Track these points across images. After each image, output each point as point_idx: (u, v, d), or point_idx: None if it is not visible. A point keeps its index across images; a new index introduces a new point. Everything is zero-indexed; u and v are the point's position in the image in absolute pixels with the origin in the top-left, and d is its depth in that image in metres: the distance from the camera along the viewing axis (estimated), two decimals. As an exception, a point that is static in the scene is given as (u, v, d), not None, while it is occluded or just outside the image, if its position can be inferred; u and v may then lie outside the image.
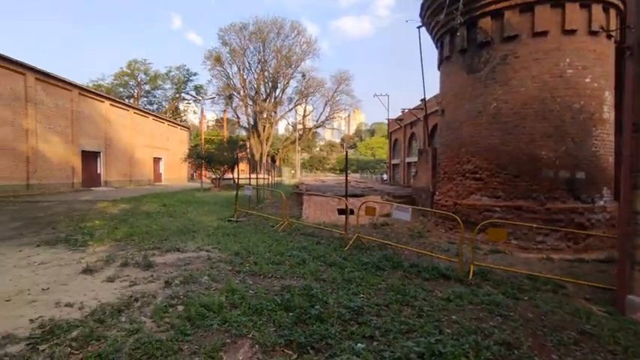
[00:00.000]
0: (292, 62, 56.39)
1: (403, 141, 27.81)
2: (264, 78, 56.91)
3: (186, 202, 17.12)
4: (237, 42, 55.06)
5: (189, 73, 53.77)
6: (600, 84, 8.95)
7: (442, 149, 11.07)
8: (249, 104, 57.38)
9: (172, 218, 12.03)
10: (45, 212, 13.00)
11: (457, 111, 10.26)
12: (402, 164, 28.51)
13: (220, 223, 10.86)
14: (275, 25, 54.17)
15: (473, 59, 9.79)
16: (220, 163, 25.35)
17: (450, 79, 10.56)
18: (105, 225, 10.37)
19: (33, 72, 21.07)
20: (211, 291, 4.82)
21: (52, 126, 22.63)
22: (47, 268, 5.85)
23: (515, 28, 8.98)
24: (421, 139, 23.63)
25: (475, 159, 9.75)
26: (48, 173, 22.28)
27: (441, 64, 11.36)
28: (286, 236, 9.10)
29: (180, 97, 55.17)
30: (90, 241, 8.05)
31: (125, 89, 52.50)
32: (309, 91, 59.10)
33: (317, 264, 6.42)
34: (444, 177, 10.96)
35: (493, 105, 9.35)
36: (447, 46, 10.55)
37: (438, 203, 11.12)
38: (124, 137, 30.79)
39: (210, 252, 7.14)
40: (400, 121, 27.93)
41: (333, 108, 61.10)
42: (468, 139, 9.90)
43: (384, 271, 6.33)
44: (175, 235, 8.79)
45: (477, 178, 9.70)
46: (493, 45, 9.36)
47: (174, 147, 40.93)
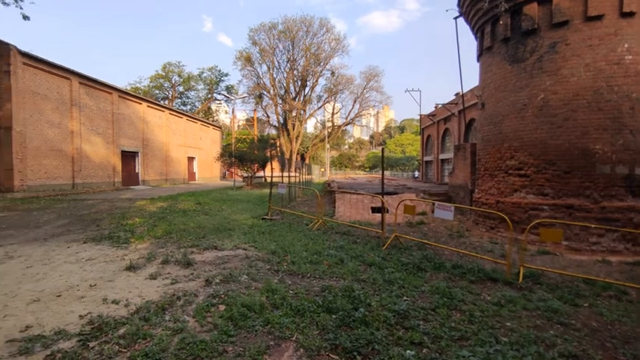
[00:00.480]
0: (321, 60, 56.37)
1: (436, 137, 26.99)
2: (294, 76, 57.19)
3: (220, 201, 17.42)
4: (267, 41, 55.71)
5: (220, 73, 55.01)
6: (664, 70, 8.15)
7: (482, 145, 10.54)
8: (278, 103, 57.92)
9: (208, 216, 12.23)
10: (89, 210, 13.62)
11: (499, 104, 9.72)
12: (434, 161, 27.68)
13: (255, 222, 10.90)
14: (304, 23, 54.32)
15: (517, 48, 9.22)
16: (252, 162, 25.67)
17: (492, 70, 10.02)
18: (145, 222, 10.68)
19: (77, 77, 22.20)
20: (251, 290, 4.76)
21: (94, 127, 23.77)
22: (93, 265, 6.04)
23: (566, 14, 8.35)
24: (456, 135, 22.82)
25: (519, 154, 9.19)
26: (91, 173, 23.45)
27: (480, 56, 10.81)
28: (321, 235, 8.97)
29: (212, 97, 56.53)
30: (131, 238, 8.29)
31: (160, 91, 54.44)
32: (338, 88, 58.88)
33: (356, 264, 6.25)
34: (484, 174, 10.44)
35: (540, 96, 8.76)
36: (488, 35, 10.00)
37: (478, 201, 10.61)
38: (160, 137, 31.89)
39: (247, 250, 7.14)
40: (433, 116, 27.12)
41: (363, 105, 60.56)
42: (512, 133, 9.35)
43: (426, 272, 6.06)
44: (212, 233, 8.89)
45: (522, 175, 9.15)
46: (540, 32, 8.76)
47: (207, 146, 42.01)
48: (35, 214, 12.25)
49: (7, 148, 17.82)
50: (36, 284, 5.01)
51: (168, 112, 33.76)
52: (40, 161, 19.65)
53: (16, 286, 4.91)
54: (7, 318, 3.88)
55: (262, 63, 57.39)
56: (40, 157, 19.65)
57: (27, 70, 18.90)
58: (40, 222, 10.63)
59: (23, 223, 10.45)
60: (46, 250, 7.06)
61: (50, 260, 6.32)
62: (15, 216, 11.71)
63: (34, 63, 19.31)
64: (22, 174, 18.37)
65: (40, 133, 19.66)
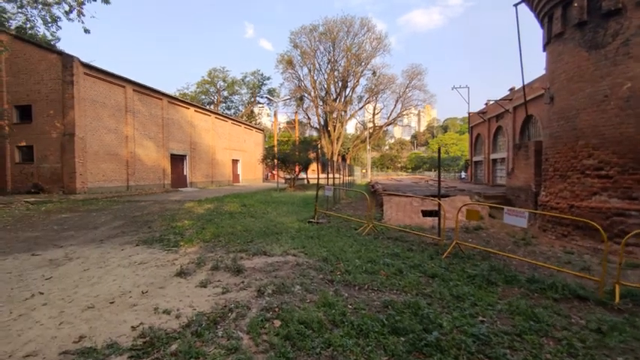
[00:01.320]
0: (362, 60, 55.61)
1: (487, 136, 25.34)
2: (334, 78, 56.92)
3: (265, 203, 17.41)
4: (308, 44, 55.95)
5: (262, 77, 56.10)
6: None
7: (551, 142, 9.47)
8: (319, 105, 57.92)
9: (254, 219, 12.14)
10: (142, 212, 14.09)
11: (573, 97, 8.65)
12: (485, 161, 26.00)
13: (301, 225, 10.61)
14: (344, 23, 53.91)
15: (596, 33, 8.14)
16: (294, 164, 25.64)
17: (563, 59, 8.96)
18: (193, 225, 10.76)
19: (131, 84, 23.38)
20: (306, 304, 4.38)
21: (146, 132, 24.91)
22: (146, 269, 5.99)
23: (659, -11, 7.20)
24: (511, 133, 21.20)
25: (599, 152, 8.10)
26: (144, 175, 24.58)
27: (548, 44, 9.75)
28: (372, 240, 8.46)
29: (255, 101, 57.78)
30: (181, 241, 8.28)
31: (206, 96, 56.54)
32: (380, 88, 57.76)
33: (416, 275, 5.68)
34: (553, 175, 9.36)
35: (626, 86, 7.65)
36: (559, 20, 8.96)
37: (546, 205, 9.55)
38: (206, 141, 32.90)
39: (297, 257, 6.81)
40: (484, 114, 25.51)
41: (405, 104, 58.94)
42: (589, 129, 8.26)
43: (497, 287, 5.36)
44: (260, 237, 8.69)
45: (603, 176, 8.04)
46: (625, 12, 7.65)
47: (250, 149, 42.85)
48: (94, 215, 12.85)
49: (70, 153, 19.07)
50: (91, 289, 4.98)
51: (214, 116, 34.78)
52: (99, 165, 20.86)
53: (73, 290, 4.90)
54: (62, 326, 3.79)
55: (303, 65, 57.73)
56: (99, 161, 20.85)
57: (87, 79, 20.14)
58: (98, 223, 11.07)
59: (83, 224, 10.94)
60: (102, 253, 7.18)
61: (105, 263, 6.37)
62: (76, 217, 12.34)
63: (94, 73, 20.56)
64: (83, 177, 19.58)
65: (99, 139, 20.88)
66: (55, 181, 19.35)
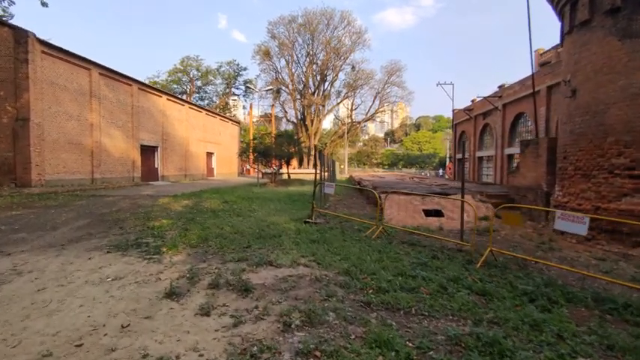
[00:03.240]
0: (341, 54, 54.66)
1: (473, 133, 25.10)
2: (313, 71, 55.67)
3: (248, 199, 16.06)
4: (286, 35, 54.32)
5: (239, 67, 53.90)
6: None
7: (572, 139, 8.82)
8: (297, 98, 56.51)
9: (241, 218, 10.86)
10: (110, 208, 12.42)
11: (601, 90, 8.00)
12: (470, 159, 25.80)
13: (298, 226, 9.45)
14: (324, 15, 52.70)
15: (631, 20, 7.49)
16: (276, 158, 24.30)
17: (589, 49, 8.29)
18: (173, 225, 9.35)
19: (97, 67, 21.13)
20: (352, 340, 3.28)
21: (114, 120, 22.72)
22: (123, 287, 4.65)
23: None
24: (499, 131, 20.92)
25: (631, 150, 7.49)
26: (111, 167, 22.42)
27: (569, 33, 9.08)
28: (387, 246, 7.45)
29: (230, 92, 55.47)
30: (163, 246, 6.93)
31: (178, 85, 53.63)
32: (358, 83, 57.08)
33: (463, 292, 4.70)
34: (574, 174, 8.73)
35: (665, 79, 7.03)
36: (586, 7, 8.27)
37: (565, 206, 8.92)
38: (180, 132, 30.83)
39: (311, 268, 5.67)
40: (470, 111, 25.22)
41: (383, 101, 58.66)
42: (621, 125, 7.64)
43: (561, 307, 4.49)
44: (257, 242, 7.46)
45: (635, 176, 7.45)
46: (667, -2, 7.01)
47: (225, 141, 40.91)
48: (52, 212, 11.07)
49: (24, 140, 16.81)
50: (48, 321, 3.64)
51: (188, 106, 32.68)
52: (59, 155, 18.64)
53: (21, 324, 3.54)
54: (1, 394, 2.49)
55: (281, 57, 56.08)
56: (59, 150, 18.63)
57: (46, 59, 17.85)
58: (57, 222, 9.40)
59: (39, 223, 9.24)
60: (63, 263, 5.73)
61: (68, 279, 4.96)
62: (30, 214, 10.53)
63: (54, 52, 18.26)
64: (39, 168, 17.36)
65: (59, 126, 18.64)
66: (6, 172, 17.01)
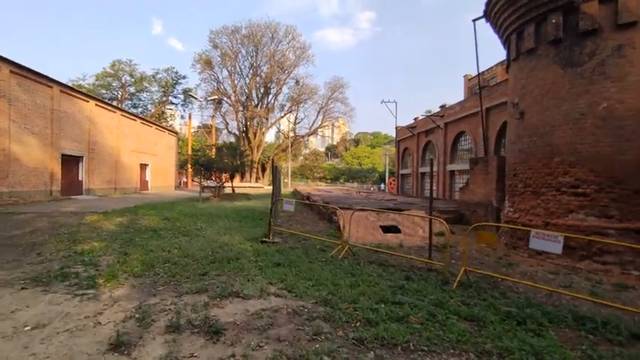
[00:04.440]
0: (285, 68, 54.73)
1: (416, 150, 26.27)
2: (257, 83, 54.92)
3: (191, 216, 14.77)
4: (229, 45, 53.12)
5: (177, 75, 51.11)
6: None
7: (521, 158, 9.35)
8: (239, 110, 55.13)
9: (188, 238, 9.78)
10: (23, 229, 10.48)
11: (547, 113, 8.59)
12: (413, 174, 26.91)
13: (256, 246, 8.69)
14: (269, 29, 52.55)
15: (572, 51, 8.17)
16: (221, 171, 23.00)
17: (536, 75, 8.91)
18: (108, 248, 8.04)
19: (7, 64, 18.29)
20: (361, 395, 2.76)
21: (28, 126, 19.77)
22: (49, 339, 3.61)
23: (634, 13, 7.42)
24: (441, 148, 22.11)
25: (576, 170, 8.06)
26: (22, 179, 19.36)
27: (516, 59, 9.72)
28: (357, 267, 7.06)
29: (167, 100, 52.23)
30: (99, 277, 5.79)
31: (108, 91, 49.18)
32: (302, 98, 57.48)
33: (453, 319, 4.43)
34: (524, 191, 9.22)
35: (603, 105, 7.72)
36: (531, 37, 8.91)
37: (516, 221, 9.36)
38: (110, 141, 27.96)
39: (284, 298, 5.03)
40: (413, 129, 26.42)
41: (327, 116, 59.66)
42: (566, 146, 8.22)
43: (547, 328, 4.42)
44: (213, 267, 6.60)
45: (579, 194, 8.00)
46: (602, 34, 7.76)
47: (161, 153, 38.11)
48: (-57, 236, 8.97)
49: None
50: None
51: (120, 114, 29.86)
52: (-46, 164, 15.56)
53: None
54: None
55: (223, 67, 54.59)
56: (-46, 159, 15.57)
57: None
58: (-49, 250, 7.56)
59: None
60: (-39, 307, 4.41)
61: (-31, 331, 3.76)
62: None
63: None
64: None
65: (-45, 129, 15.62)
66: None
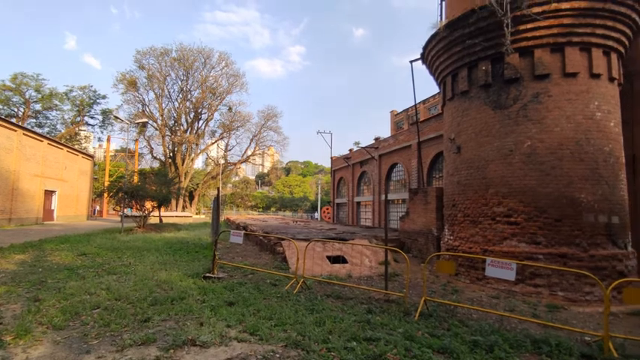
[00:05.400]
0: (218, 94, 53.63)
1: (351, 180, 27.10)
2: (186, 107, 52.71)
3: (114, 250, 13.08)
4: (157, 67, 50.61)
5: (96, 95, 46.72)
6: (619, 128, 9.08)
7: (460, 189, 10.08)
8: (167, 134, 52.07)
9: (116, 276, 8.54)
10: None
11: (482, 149, 9.46)
12: (349, 203, 27.58)
13: (199, 283, 7.86)
14: (202, 54, 51.43)
15: (500, 95, 9.23)
16: (146, 199, 21.01)
17: (470, 114, 9.84)
18: (11, 294, 6.62)
19: None
20: None
21: None
22: None
23: (547, 67, 8.70)
24: (375, 179, 23.13)
25: (508, 201, 8.90)
26: None
27: (451, 99, 10.67)
28: (314, 301, 6.71)
29: (82, 121, 47.22)
30: (5, 331, 4.63)
31: (5, 106, 42.88)
32: (234, 125, 56.44)
33: (430, 353, 4.35)
34: (463, 220, 9.88)
35: (527, 144, 8.75)
36: (465, 80, 9.91)
37: (457, 249, 9.92)
38: (6, 163, 24.13)
39: (248, 343, 4.49)
40: (348, 159, 27.35)
41: (259, 144, 59.19)
42: (498, 179, 9.07)
43: (508, 354, 4.58)
44: (156, 310, 5.74)
45: (512, 222, 8.80)
46: (523, 82, 8.93)
47: (72, 178, 33.90)
48: None
49: None
50: None
51: (22, 132, 26.06)
52: None
53: None
54: None
55: (150, 89, 51.55)
56: None
57: None
58: None
59: None
60: None
61: None
62: None
63: None
64: None
65: None
66: None
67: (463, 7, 9.89)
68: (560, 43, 8.63)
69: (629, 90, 9.97)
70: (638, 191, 9.79)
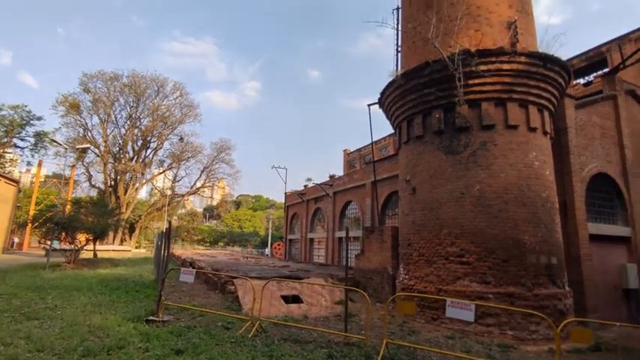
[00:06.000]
0: (170, 123, 52.05)
1: (305, 216, 26.95)
2: (134, 135, 50.29)
3: (37, 289, 11.52)
4: (105, 92, 48.35)
5: (30, 115, 42.93)
6: (553, 177, 10.05)
7: (415, 229, 10.37)
8: (109, 162, 48.86)
9: (38, 321, 7.43)
10: None
11: (435, 191, 9.93)
12: (302, 240, 27.21)
13: (142, 328, 7.05)
14: (155, 82, 50.25)
15: (452, 141, 9.89)
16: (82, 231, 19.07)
17: (424, 158, 10.38)
18: None
19: None
20: None
21: None
22: None
23: (492, 119, 9.55)
24: (330, 216, 23.22)
25: (460, 241, 9.28)
26: None
27: (406, 142, 11.23)
28: (272, 346, 6.28)
29: (9, 142, 42.82)
30: None
31: None
32: (185, 155, 54.62)
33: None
34: (418, 260, 10.09)
35: (477, 188, 9.34)
36: (419, 126, 10.55)
37: (412, 288, 10.02)
38: None
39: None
40: (302, 195, 27.33)
41: (210, 176, 57.51)
42: (451, 220, 9.49)
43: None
44: (91, 363, 4.99)
45: (464, 262, 9.14)
46: (472, 131, 9.68)
47: (-9, 205, 30.06)
48: None
49: None
50: None
51: None
52: None
53: None
54: None
55: (94, 114, 48.78)
56: None
57: None
58: None
59: None
60: None
61: None
62: None
63: None
64: None
65: None
66: None
67: (418, 59, 10.76)
68: (503, 99, 9.58)
69: (558, 143, 11.21)
70: (569, 234, 10.75)
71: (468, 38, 9.98)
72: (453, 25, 9.97)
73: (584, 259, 10.62)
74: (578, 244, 10.68)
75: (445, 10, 10.33)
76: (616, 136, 13.14)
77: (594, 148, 12.29)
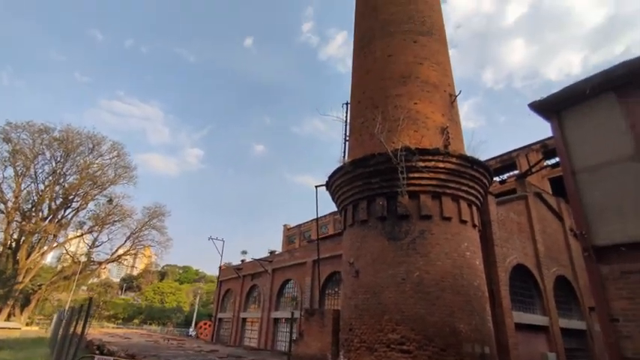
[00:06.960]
0: (100, 183, 48.33)
1: (240, 293, 25.29)
2: (54, 192, 45.53)
3: None
4: (29, 144, 44.39)
5: None
6: (482, 266, 10.93)
7: (357, 313, 10.27)
8: (15, 219, 42.90)
9: None
10: None
11: (378, 275, 10.17)
12: (234, 319, 25.07)
13: None
14: (91, 139, 47.48)
15: (394, 227, 10.50)
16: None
17: (368, 242, 10.79)
18: None
19: None
20: None
21: None
22: None
23: (430, 210, 10.46)
24: (267, 293, 22.05)
25: (401, 328, 9.34)
26: None
27: (352, 226, 11.65)
28: None
29: None
30: None
31: None
32: (112, 218, 50.06)
33: None
34: (360, 346, 9.83)
35: (416, 274, 9.78)
36: (364, 210, 11.13)
37: (353, 379, 9.56)
38: None
39: None
40: (239, 270, 25.96)
41: (137, 243, 52.68)
42: (393, 305, 9.64)
43: None
44: None
45: (405, 350, 9.10)
46: (412, 219, 10.44)
47: None
48: None
49: None
50: None
51: None
52: None
53: None
54: None
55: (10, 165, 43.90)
56: None
57: None
58: None
59: None
60: None
61: None
62: None
63: None
64: None
65: None
66: None
67: (364, 150, 11.80)
68: (438, 192, 10.66)
69: (484, 235, 12.45)
70: (498, 323, 11.40)
71: (409, 137, 11.30)
72: (396, 124, 11.31)
73: (512, 348, 11.19)
74: (506, 333, 11.31)
75: (390, 111, 11.78)
76: (529, 232, 14.99)
77: (514, 241, 13.82)
